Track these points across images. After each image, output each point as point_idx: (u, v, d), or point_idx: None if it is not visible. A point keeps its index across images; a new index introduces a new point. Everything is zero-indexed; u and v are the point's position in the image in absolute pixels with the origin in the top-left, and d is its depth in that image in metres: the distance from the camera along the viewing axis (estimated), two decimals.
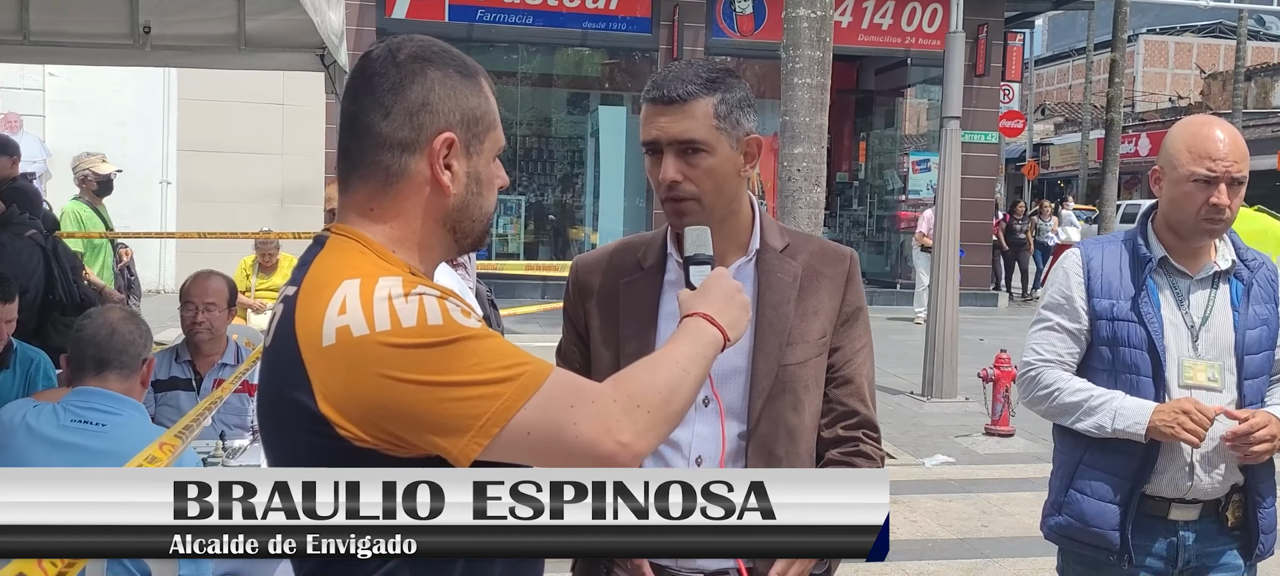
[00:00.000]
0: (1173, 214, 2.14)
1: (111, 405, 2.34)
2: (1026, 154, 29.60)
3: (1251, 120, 25.29)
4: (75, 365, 2.40)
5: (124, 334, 2.40)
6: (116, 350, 2.37)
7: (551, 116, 15.18)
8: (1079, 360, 2.22)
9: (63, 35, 4.60)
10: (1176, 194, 2.12)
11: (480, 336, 1.12)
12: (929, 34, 14.00)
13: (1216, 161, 2.08)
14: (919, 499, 5.36)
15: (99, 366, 2.36)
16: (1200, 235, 2.14)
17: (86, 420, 2.30)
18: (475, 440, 1.09)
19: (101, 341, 2.37)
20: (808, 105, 5.56)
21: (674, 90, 1.53)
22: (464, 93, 1.24)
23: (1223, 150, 2.09)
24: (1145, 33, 40.42)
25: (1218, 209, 2.08)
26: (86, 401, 2.33)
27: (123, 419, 2.33)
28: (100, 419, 2.30)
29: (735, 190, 1.59)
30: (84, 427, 2.28)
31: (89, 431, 2.28)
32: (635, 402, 1.14)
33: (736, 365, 1.57)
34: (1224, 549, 2.19)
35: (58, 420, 2.30)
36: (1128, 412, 2.10)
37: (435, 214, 1.24)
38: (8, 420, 2.34)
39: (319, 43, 4.38)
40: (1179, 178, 2.12)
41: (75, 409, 2.33)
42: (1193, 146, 2.11)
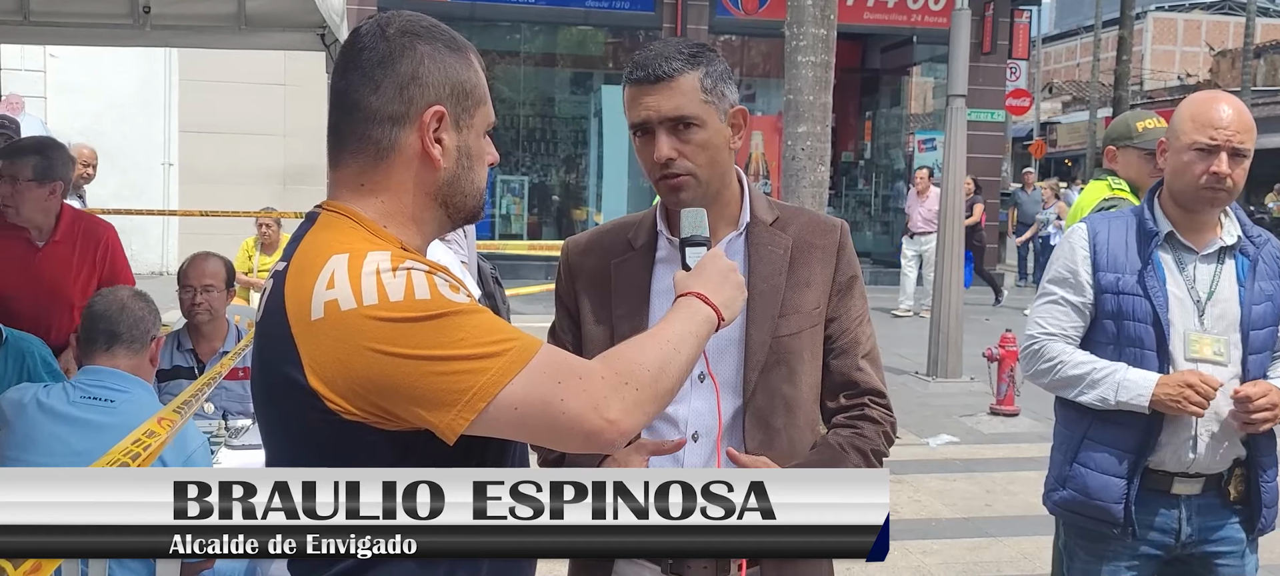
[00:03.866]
0: (1175, 183, 2.16)
1: (121, 383, 2.39)
2: (1033, 132, 29.43)
3: (1260, 98, 25.09)
4: (86, 341, 2.44)
5: (134, 310, 2.45)
6: (127, 325, 2.42)
7: (554, 96, 15.11)
8: (1083, 333, 2.23)
9: (62, 15, 4.58)
10: (1178, 163, 2.14)
11: (468, 311, 1.12)
12: (935, 11, 13.88)
13: (1218, 130, 2.10)
14: (923, 478, 5.36)
15: (110, 340, 2.41)
16: (1201, 205, 2.15)
17: (96, 396, 2.35)
18: (462, 414, 1.09)
19: (113, 315, 2.42)
20: (812, 84, 5.52)
21: (660, 68, 1.52)
22: (453, 66, 1.24)
23: (1226, 120, 2.11)
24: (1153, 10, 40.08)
25: (1218, 177, 2.09)
26: (97, 380, 2.38)
27: (131, 396, 2.37)
28: (109, 395, 2.35)
29: (727, 162, 1.59)
30: (93, 403, 2.33)
31: (98, 407, 2.33)
32: (623, 380, 1.14)
33: (731, 338, 1.57)
34: (1225, 522, 2.20)
35: (68, 397, 2.35)
36: (1131, 385, 2.11)
37: (426, 188, 1.24)
38: (17, 397, 2.38)
39: (320, 21, 4.35)
40: (1181, 147, 2.14)
41: (85, 386, 2.37)
42: (1196, 116, 2.13)
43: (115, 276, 3.64)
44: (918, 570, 4.19)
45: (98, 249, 3.63)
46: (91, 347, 2.43)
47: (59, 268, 3.55)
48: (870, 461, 1.62)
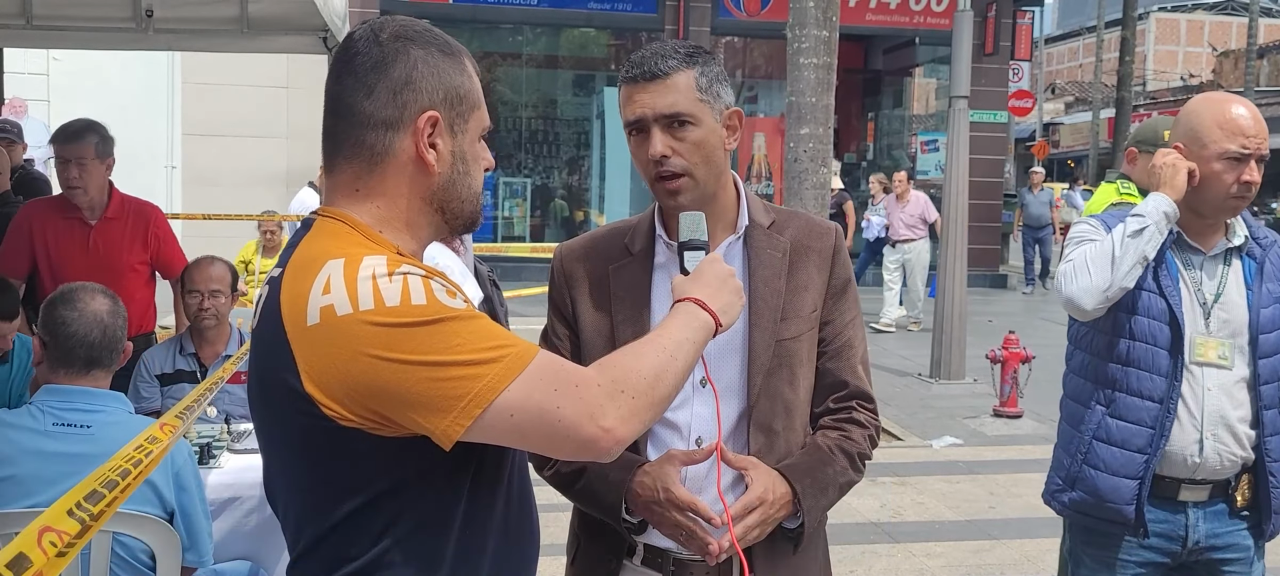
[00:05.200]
0: (1199, 192, 2.12)
1: (91, 403, 2.25)
2: (1036, 133, 29.39)
3: (1264, 98, 25.04)
4: (60, 360, 2.28)
5: (113, 330, 2.32)
6: (107, 350, 2.30)
7: (557, 98, 15.11)
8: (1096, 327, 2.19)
9: (65, 19, 4.59)
10: (1206, 172, 2.10)
11: (465, 316, 1.12)
12: (937, 13, 13.87)
13: (1248, 138, 2.08)
14: (926, 480, 5.35)
15: (89, 365, 2.28)
16: (1227, 212, 2.13)
17: (69, 422, 2.22)
18: (458, 420, 1.08)
19: (93, 342, 2.28)
20: (814, 85, 5.51)
21: (655, 66, 1.53)
22: (447, 71, 1.23)
23: (1253, 127, 2.10)
24: (1156, 10, 40.03)
25: (1249, 186, 2.09)
26: (65, 402, 2.24)
27: (106, 415, 2.25)
28: (83, 419, 2.22)
29: (722, 164, 1.59)
30: (69, 432, 2.20)
31: (75, 436, 2.19)
32: (619, 387, 1.13)
33: (732, 343, 1.57)
34: (1234, 529, 2.18)
35: (37, 422, 2.22)
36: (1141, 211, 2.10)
37: (421, 193, 1.23)
38: None
39: (322, 24, 4.36)
40: (1208, 156, 2.10)
41: (55, 411, 2.23)
42: (1224, 124, 2.10)
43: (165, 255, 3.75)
44: (921, 572, 4.18)
45: (148, 227, 3.78)
46: (66, 368, 2.27)
47: (112, 244, 3.70)
48: (855, 464, 1.63)
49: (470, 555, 1.21)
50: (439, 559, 1.18)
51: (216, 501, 2.64)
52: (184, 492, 2.30)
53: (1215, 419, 2.10)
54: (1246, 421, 2.13)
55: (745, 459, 1.54)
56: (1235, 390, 2.12)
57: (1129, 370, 2.15)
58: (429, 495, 1.17)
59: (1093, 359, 2.22)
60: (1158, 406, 2.11)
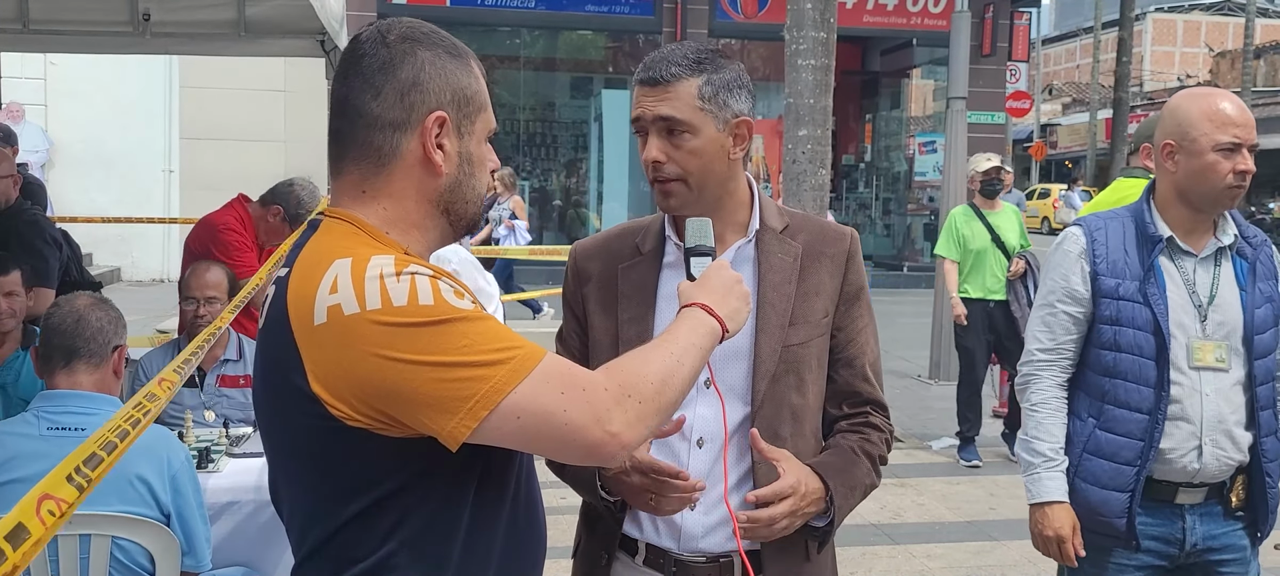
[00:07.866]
0: (1196, 186, 2.11)
1: (86, 406, 2.23)
2: (1033, 134, 29.44)
3: (1260, 98, 25.12)
4: (44, 358, 2.28)
5: (92, 321, 2.28)
6: (84, 338, 2.26)
7: (555, 100, 15.11)
8: (1083, 339, 2.20)
9: (62, 23, 4.58)
10: (1200, 165, 2.10)
11: (473, 317, 1.11)
12: (934, 14, 13.89)
13: (1239, 128, 2.09)
14: (926, 482, 5.35)
15: (68, 356, 2.25)
16: (1223, 205, 2.13)
17: (64, 426, 2.20)
18: (465, 422, 1.08)
19: (67, 329, 2.25)
20: (812, 87, 5.51)
21: (659, 71, 1.53)
22: (454, 72, 1.23)
23: (1241, 117, 2.11)
24: (1153, 11, 40.13)
25: (1244, 175, 2.09)
26: (61, 406, 2.23)
27: (101, 418, 2.19)
28: (78, 422, 2.20)
29: (725, 172, 1.57)
30: (64, 435, 2.17)
31: (70, 438, 2.14)
32: (626, 392, 1.13)
33: (739, 347, 1.56)
34: (1229, 530, 2.18)
35: (33, 427, 2.21)
36: (1037, 486, 2.19)
37: (428, 194, 1.23)
38: None
39: (319, 27, 4.35)
40: (1201, 149, 2.09)
41: (49, 415, 2.22)
42: (1213, 116, 2.10)
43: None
44: (921, 573, 4.17)
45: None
46: (50, 366, 2.26)
47: None
48: (876, 466, 1.64)
49: (477, 556, 1.21)
50: (445, 560, 1.18)
51: (214, 506, 2.63)
52: (180, 497, 2.29)
53: (1214, 424, 2.09)
54: (1241, 424, 2.13)
55: (778, 450, 1.53)
56: (1232, 393, 2.12)
57: (1116, 382, 2.14)
58: (435, 496, 1.17)
59: (1081, 371, 2.22)
60: (1146, 418, 2.10)
